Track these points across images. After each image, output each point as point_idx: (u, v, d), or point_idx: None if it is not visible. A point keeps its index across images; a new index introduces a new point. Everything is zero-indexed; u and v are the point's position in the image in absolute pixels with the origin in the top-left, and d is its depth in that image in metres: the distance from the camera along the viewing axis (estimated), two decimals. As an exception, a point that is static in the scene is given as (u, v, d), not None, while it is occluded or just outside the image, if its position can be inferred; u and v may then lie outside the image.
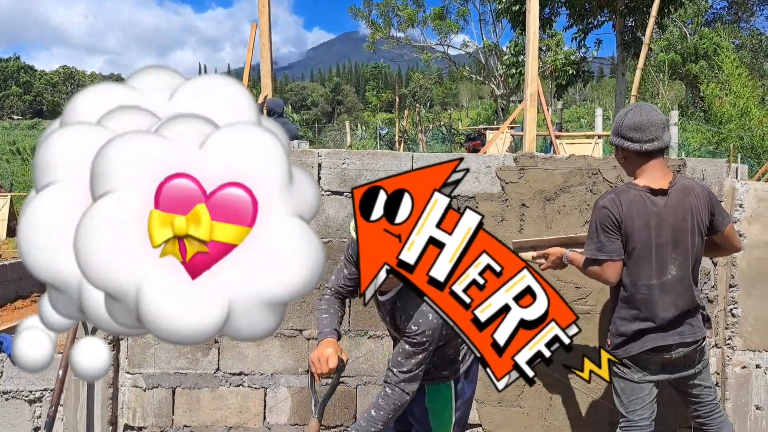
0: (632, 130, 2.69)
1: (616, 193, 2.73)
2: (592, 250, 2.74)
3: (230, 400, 3.57)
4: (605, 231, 2.68)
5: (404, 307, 2.26)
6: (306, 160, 3.56)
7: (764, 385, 3.69)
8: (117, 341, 3.52)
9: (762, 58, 32.68)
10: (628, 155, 2.76)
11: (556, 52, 17.88)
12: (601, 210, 2.71)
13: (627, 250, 2.71)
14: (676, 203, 2.71)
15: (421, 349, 2.23)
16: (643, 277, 2.71)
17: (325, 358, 2.29)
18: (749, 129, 10.60)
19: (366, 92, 41.50)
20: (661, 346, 2.76)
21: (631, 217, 2.66)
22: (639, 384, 2.80)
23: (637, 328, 2.74)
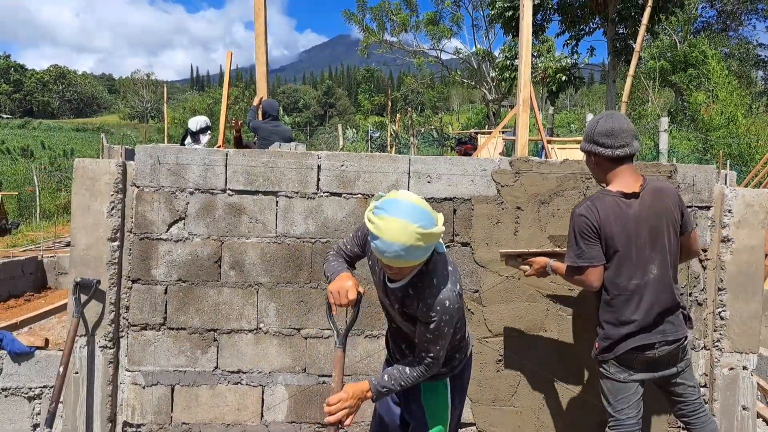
0: (604, 136, 2.81)
1: (591, 201, 2.83)
2: (572, 257, 2.84)
3: (228, 397, 3.61)
4: (584, 238, 2.78)
5: (419, 295, 2.30)
6: (305, 162, 3.62)
7: (751, 387, 3.78)
8: (117, 339, 3.56)
9: (750, 67, 33.08)
10: (599, 161, 2.88)
11: (548, 59, 18.01)
12: (579, 218, 2.81)
13: (607, 254, 2.80)
14: (650, 204, 2.82)
15: (440, 333, 2.30)
16: (625, 278, 2.80)
17: (344, 290, 2.36)
18: (737, 136, 10.75)
19: (358, 95, 41.51)
20: (644, 345, 2.84)
21: (609, 222, 2.76)
22: (625, 383, 2.88)
23: (624, 332, 2.81)
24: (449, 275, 2.34)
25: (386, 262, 2.19)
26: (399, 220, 2.08)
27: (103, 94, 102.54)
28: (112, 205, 3.49)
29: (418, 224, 2.09)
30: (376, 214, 2.13)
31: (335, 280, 2.44)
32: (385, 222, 2.09)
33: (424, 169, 3.69)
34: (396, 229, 2.07)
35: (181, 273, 3.57)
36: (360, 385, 2.39)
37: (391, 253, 2.11)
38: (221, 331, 3.61)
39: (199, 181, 3.56)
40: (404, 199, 2.15)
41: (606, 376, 2.91)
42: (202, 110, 34.93)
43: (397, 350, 2.68)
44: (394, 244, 2.08)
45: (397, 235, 2.08)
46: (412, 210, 2.11)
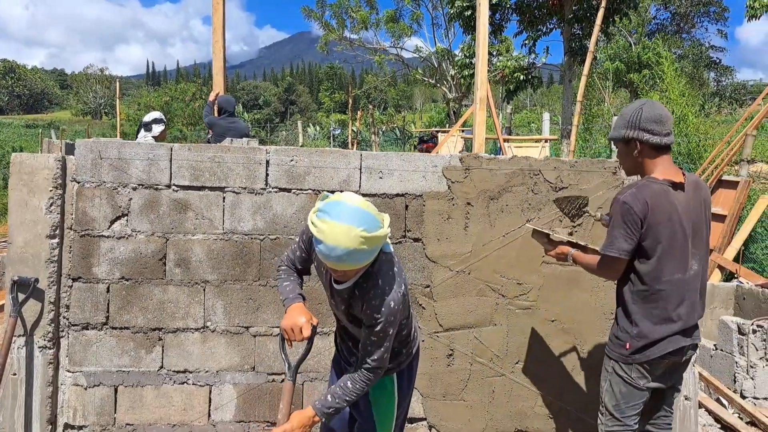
0: (653, 123, 2.63)
1: (637, 188, 2.65)
2: (605, 245, 2.69)
3: (174, 398, 3.53)
4: (624, 227, 2.61)
5: (364, 296, 2.29)
6: (254, 156, 3.56)
7: (692, 377, 3.88)
8: (57, 339, 3.44)
9: (702, 68, 34.11)
10: (644, 149, 2.68)
11: (506, 58, 18.23)
12: (622, 206, 2.62)
13: (649, 245, 2.62)
14: (692, 197, 2.69)
15: (384, 335, 2.29)
16: (667, 272, 2.64)
17: (298, 327, 2.34)
18: (686, 135, 11.06)
19: (320, 93, 41.34)
20: (679, 349, 2.70)
21: (654, 212, 2.59)
22: (641, 390, 2.73)
23: (664, 332, 2.65)
24: (395, 276, 2.33)
25: (330, 265, 2.17)
26: (342, 225, 2.05)
27: (54, 89, 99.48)
28: (51, 201, 3.37)
29: (362, 228, 2.06)
30: (320, 218, 2.10)
31: (288, 315, 2.40)
32: (329, 226, 2.06)
33: (376, 164, 3.67)
34: (339, 233, 2.04)
35: (124, 271, 3.47)
36: (305, 412, 2.36)
37: (334, 257, 2.09)
38: (166, 330, 3.52)
39: (142, 176, 3.47)
40: (348, 202, 2.12)
41: (624, 379, 2.72)
42: (158, 107, 34.18)
43: (345, 348, 2.67)
44: (337, 248, 2.06)
45: (340, 240, 2.05)
46: (356, 213, 2.09)
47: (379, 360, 2.33)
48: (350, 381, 2.37)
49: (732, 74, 38.80)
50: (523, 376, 3.75)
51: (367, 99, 37.26)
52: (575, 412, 3.74)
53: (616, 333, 2.78)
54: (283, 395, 2.48)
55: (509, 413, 3.75)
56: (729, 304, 6.09)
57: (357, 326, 2.41)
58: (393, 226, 3.66)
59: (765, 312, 5.39)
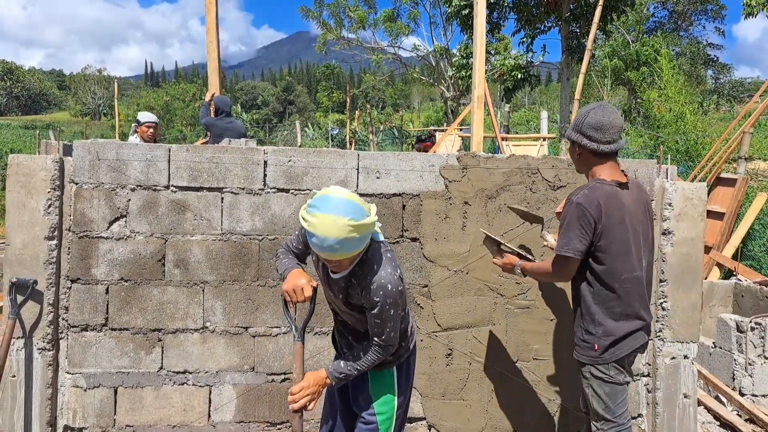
0: (592, 129, 2.70)
1: (589, 190, 2.69)
2: (559, 246, 2.70)
3: (174, 398, 3.53)
4: (578, 228, 2.64)
5: (362, 282, 2.37)
6: (252, 157, 3.56)
7: (692, 375, 3.88)
8: (56, 341, 3.44)
9: (700, 65, 34.17)
10: (583, 153, 2.78)
11: (504, 56, 18.22)
12: (577, 207, 2.66)
13: (604, 245, 2.66)
14: (637, 197, 2.76)
15: (387, 315, 2.37)
16: (624, 270, 2.68)
17: (299, 287, 2.43)
18: (684, 133, 11.08)
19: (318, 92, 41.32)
20: (644, 344, 2.76)
21: (607, 213, 2.64)
22: (623, 386, 2.76)
23: (628, 327, 2.70)
24: (389, 261, 2.41)
25: (324, 256, 2.27)
26: (330, 216, 2.16)
27: (52, 90, 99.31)
28: (48, 202, 3.37)
29: (349, 217, 2.16)
30: (309, 212, 2.21)
31: (288, 279, 2.49)
32: (318, 218, 2.17)
33: (373, 164, 3.68)
34: (328, 224, 2.15)
35: (123, 272, 3.48)
36: (318, 373, 2.48)
37: (327, 247, 2.19)
38: (166, 331, 3.53)
39: (140, 177, 3.47)
40: (334, 195, 2.23)
41: (604, 380, 2.74)
42: (158, 107, 34.16)
43: (345, 344, 2.70)
44: (328, 238, 2.16)
45: (329, 230, 2.15)
46: (343, 204, 2.19)
47: (387, 338, 2.42)
48: (362, 351, 2.48)
49: (730, 71, 38.90)
50: (522, 374, 3.76)
51: (365, 98, 37.24)
52: (574, 411, 3.74)
53: (581, 336, 2.80)
54: (295, 357, 2.56)
55: (508, 412, 3.75)
56: (727, 302, 6.10)
57: (357, 313, 2.48)
58: (390, 225, 3.67)
59: (763, 309, 5.40)
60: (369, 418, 2.61)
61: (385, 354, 2.48)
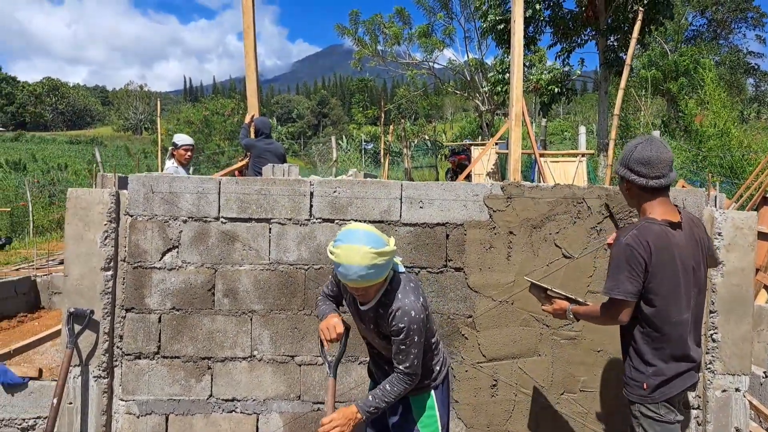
0: (640, 164, 2.67)
1: (638, 230, 2.65)
2: (610, 289, 2.65)
3: (223, 426, 3.60)
4: (628, 270, 2.60)
5: (387, 311, 2.53)
6: (299, 188, 3.63)
7: (743, 408, 3.79)
8: (111, 369, 3.55)
9: (740, 74, 33.37)
10: (632, 188, 2.75)
11: (541, 70, 18.11)
12: (626, 248, 2.62)
13: (654, 287, 2.63)
14: (689, 236, 2.71)
15: (411, 342, 2.51)
16: (674, 313, 2.65)
17: (332, 326, 2.64)
18: (729, 149, 10.82)
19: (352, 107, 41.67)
20: (694, 384, 2.73)
21: (658, 253, 2.60)
22: (674, 425, 2.71)
23: (678, 368, 2.67)
24: (412, 289, 2.57)
25: (351, 284, 2.45)
26: (353, 246, 2.37)
27: (96, 105, 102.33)
28: (105, 234, 3.50)
29: (370, 246, 2.38)
30: (335, 246, 2.42)
31: (325, 319, 2.72)
32: (342, 250, 2.38)
33: (416, 194, 3.71)
34: (352, 254, 2.36)
35: (175, 301, 3.57)
36: (349, 408, 2.56)
37: (353, 274, 2.38)
38: (215, 359, 3.60)
39: (192, 209, 3.57)
40: (355, 228, 2.46)
41: (655, 419, 2.70)
42: (197, 121, 34.83)
43: (382, 374, 2.78)
44: (353, 266, 2.37)
45: (353, 258, 2.36)
46: (363, 235, 2.41)
47: (411, 365, 2.54)
48: (389, 384, 2.59)
49: (771, 79, 37.82)
50: (568, 406, 3.72)
51: (398, 110, 37.35)
52: (622, 443, 3.69)
53: (631, 375, 2.76)
54: (327, 391, 2.73)
55: (554, 443, 3.72)
56: (778, 326, 5.92)
57: (387, 343, 2.61)
58: (434, 255, 3.69)
59: (816, 335, 5.23)
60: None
61: (411, 382, 2.58)
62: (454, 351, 3.69)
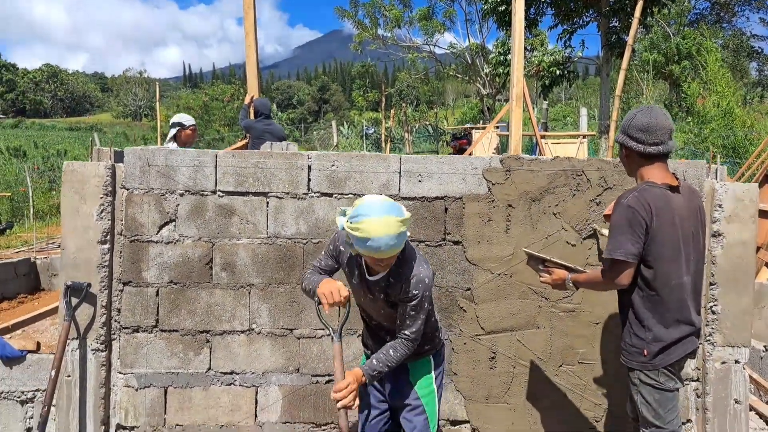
0: (639, 131, 2.68)
1: (639, 192, 2.64)
2: (611, 250, 2.64)
3: (222, 398, 3.61)
4: (630, 232, 2.59)
5: (401, 278, 2.53)
6: (296, 162, 3.61)
7: (743, 380, 3.79)
8: (109, 342, 3.55)
9: (743, 58, 33.13)
10: (630, 154, 2.75)
11: (542, 52, 17.97)
12: (627, 209, 2.61)
13: (655, 250, 2.61)
14: (688, 201, 2.71)
15: (421, 308, 2.56)
16: (674, 276, 2.64)
17: (336, 289, 2.56)
18: (731, 129, 10.76)
19: (352, 91, 41.49)
20: (695, 350, 2.72)
21: (659, 215, 2.60)
22: (673, 392, 2.72)
23: (678, 333, 2.66)
24: (422, 258, 2.62)
25: (381, 256, 2.39)
26: (380, 217, 2.31)
27: (95, 92, 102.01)
28: (101, 207, 3.48)
29: (395, 215, 2.35)
30: (357, 221, 2.33)
31: (323, 283, 2.62)
32: (368, 223, 2.31)
33: (415, 168, 3.68)
34: (381, 225, 2.30)
35: (173, 275, 3.56)
36: (355, 371, 2.60)
37: (386, 246, 2.33)
38: (214, 333, 3.60)
39: (189, 182, 3.55)
40: (374, 200, 2.40)
41: (654, 386, 2.70)
42: (197, 107, 34.72)
43: (379, 344, 2.77)
44: (383, 237, 2.30)
45: (384, 229, 2.30)
46: (386, 205, 2.37)
47: (416, 331, 2.60)
48: (392, 350, 2.61)
49: (775, 63, 37.52)
50: (567, 378, 3.72)
51: (399, 96, 37.22)
52: (620, 415, 3.68)
53: (630, 341, 2.74)
54: (335, 357, 2.67)
55: (553, 416, 3.72)
56: (778, 304, 5.91)
57: (394, 310, 2.63)
58: (432, 229, 3.67)
59: (817, 312, 5.22)
60: (415, 402, 2.78)
61: (412, 347, 2.63)
62: (452, 324, 3.68)
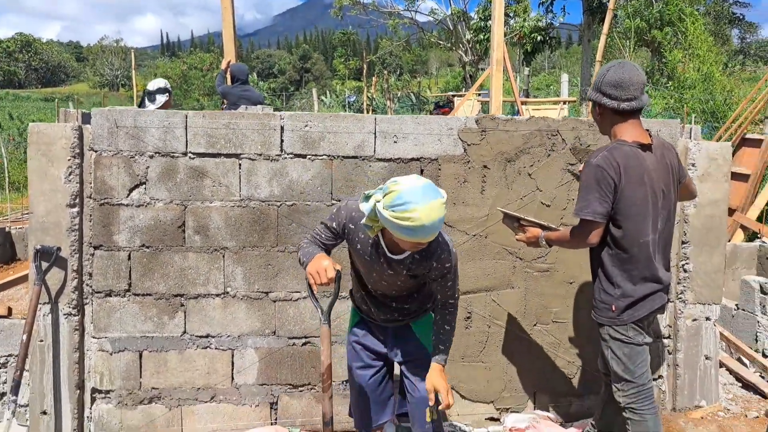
0: (612, 87, 2.65)
1: (608, 151, 2.64)
2: (579, 209, 2.66)
3: (198, 361, 3.60)
4: (598, 191, 2.60)
5: (431, 254, 2.50)
6: (269, 122, 3.55)
7: (713, 337, 3.86)
8: (81, 306, 3.51)
9: (725, 25, 33.13)
10: (604, 112, 2.74)
11: (524, 18, 17.82)
12: (596, 168, 2.61)
13: (623, 208, 2.63)
14: (659, 159, 2.71)
15: (456, 276, 2.62)
16: (642, 233, 2.65)
17: (323, 269, 2.44)
18: (711, 93, 10.80)
19: (333, 60, 40.95)
20: (663, 305, 2.76)
21: (627, 174, 2.59)
22: (642, 347, 2.75)
23: (646, 290, 2.69)
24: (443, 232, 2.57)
25: (425, 240, 2.31)
26: (430, 203, 2.20)
27: (70, 62, 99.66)
28: (69, 170, 3.40)
29: (438, 196, 2.24)
30: (404, 210, 2.19)
31: (312, 261, 2.51)
32: (419, 211, 2.18)
33: (390, 128, 3.64)
34: (432, 210, 2.20)
35: (145, 238, 3.51)
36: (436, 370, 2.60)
37: (433, 231, 2.26)
38: (188, 296, 3.57)
39: (158, 144, 3.48)
40: (413, 184, 2.25)
41: (623, 341, 2.73)
42: (175, 77, 34.09)
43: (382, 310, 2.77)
44: (434, 223, 2.22)
45: (435, 215, 2.21)
46: (426, 187, 2.25)
47: (457, 295, 2.67)
48: (446, 323, 2.64)
49: (756, 31, 37.65)
50: (541, 337, 3.76)
51: (382, 65, 36.81)
52: (594, 372, 3.74)
53: (599, 297, 2.79)
54: (322, 340, 2.63)
55: (528, 374, 3.77)
56: (752, 264, 6.02)
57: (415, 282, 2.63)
58: (409, 190, 3.64)
59: (788, 272, 5.32)
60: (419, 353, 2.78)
61: (457, 310, 2.69)
62: (428, 285, 3.69)
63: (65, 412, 3.50)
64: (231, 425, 3.63)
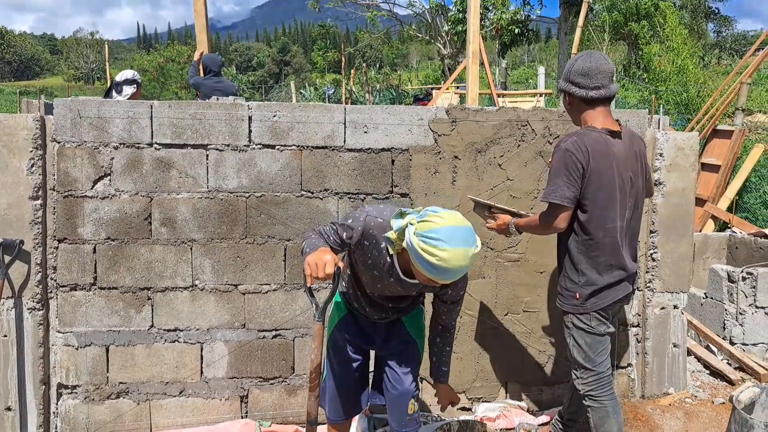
0: (580, 76, 2.68)
1: (578, 136, 2.65)
2: (547, 193, 2.67)
3: (166, 356, 3.56)
4: (566, 175, 2.60)
5: None
6: (236, 113, 3.50)
7: (681, 324, 3.91)
8: (46, 300, 3.44)
9: (701, 18, 33.50)
10: (573, 101, 2.76)
11: (501, 11, 17.85)
12: (564, 153, 2.62)
13: (591, 193, 2.63)
14: (628, 147, 2.72)
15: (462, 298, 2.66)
16: (609, 220, 2.66)
17: (322, 263, 2.24)
18: (685, 85, 10.92)
19: (312, 52, 40.69)
20: (627, 295, 2.77)
21: (596, 159, 2.60)
22: (604, 336, 2.76)
23: (611, 278, 2.69)
24: None
25: (442, 281, 2.23)
26: (463, 250, 2.11)
27: (44, 55, 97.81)
28: (31, 162, 3.33)
29: (474, 246, 2.16)
30: (434, 245, 2.10)
31: (314, 252, 2.32)
32: (449, 253, 2.09)
33: (361, 118, 3.62)
34: (461, 257, 2.11)
35: (110, 231, 3.46)
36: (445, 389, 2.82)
37: (455, 276, 2.19)
38: (155, 290, 3.52)
39: (123, 134, 3.42)
40: (454, 223, 2.15)
41: (585, 330, 2.75)
42: (152, 70, 33.64)
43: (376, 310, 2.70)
44: (461, 269, 2.15)
45: (461, 262, 2.12)
46: (467, 232, 2.16)
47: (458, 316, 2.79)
48: (447, 346, 2.78)
49: (731, 24, 38.16)
50: (513, 327, 3.78)
51: (362, 58, 36.68)
52: (564, 362, 3.77)
53: (564, 285, 2.81)
54: (315, 338, 2.49)
55: (499, 364, 3.79)
56: (722, 254, 6.10)
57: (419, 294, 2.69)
58: (380, 181, 3.63)
59: (757, 260, 5.41)
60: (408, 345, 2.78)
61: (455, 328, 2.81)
62: (399, 276, 3.68)
63: (31, 408, 3.44)
64: (201, 419, 3.60)
